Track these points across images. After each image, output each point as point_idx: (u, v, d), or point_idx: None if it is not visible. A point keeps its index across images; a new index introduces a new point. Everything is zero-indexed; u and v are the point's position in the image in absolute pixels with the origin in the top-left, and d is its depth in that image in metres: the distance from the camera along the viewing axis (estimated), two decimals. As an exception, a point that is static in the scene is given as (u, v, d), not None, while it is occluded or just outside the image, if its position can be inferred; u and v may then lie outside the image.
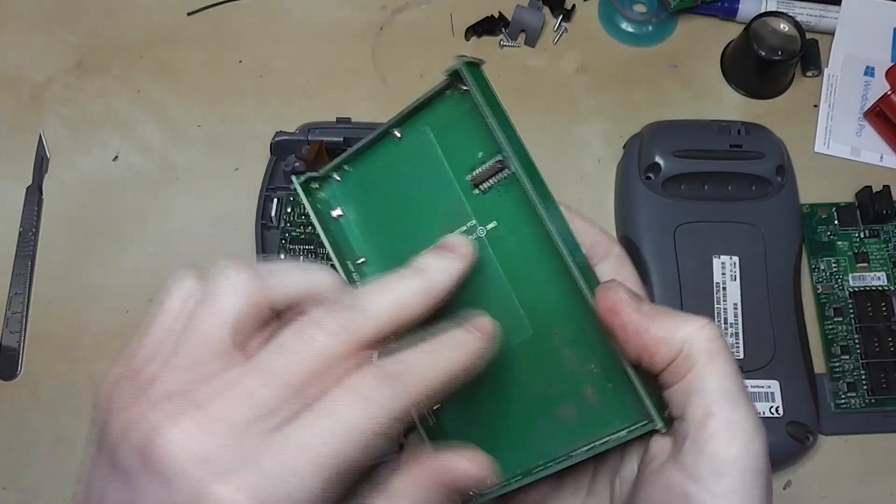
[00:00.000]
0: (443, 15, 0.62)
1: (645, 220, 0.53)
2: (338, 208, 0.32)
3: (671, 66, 0.61)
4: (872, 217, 0.55)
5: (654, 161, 0.54)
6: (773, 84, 0.60)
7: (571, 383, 0.29)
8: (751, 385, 0.49)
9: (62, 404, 0.52)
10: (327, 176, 0.32)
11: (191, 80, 0.60)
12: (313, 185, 0.32)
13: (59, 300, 0.54)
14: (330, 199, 0.32)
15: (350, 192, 0.32)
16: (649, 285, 0.51)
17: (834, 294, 0.54)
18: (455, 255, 0.28)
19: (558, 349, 0.29)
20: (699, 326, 0.27)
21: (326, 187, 0.32)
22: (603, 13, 0.62)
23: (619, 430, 0.28)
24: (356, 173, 0.32)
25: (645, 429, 0.27)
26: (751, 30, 0.57)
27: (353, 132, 0.53)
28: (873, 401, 0.51)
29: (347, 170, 0.32)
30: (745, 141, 0.54)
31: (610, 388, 0.28)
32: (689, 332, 0.26)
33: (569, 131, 0.59)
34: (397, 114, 0.30)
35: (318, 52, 0.61)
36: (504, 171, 0.29)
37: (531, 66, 0.61)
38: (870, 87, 0.60)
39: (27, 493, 0.50)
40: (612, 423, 0.28)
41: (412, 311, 0.26)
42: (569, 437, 0.29)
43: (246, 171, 0.57)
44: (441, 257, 0.27)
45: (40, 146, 0.58)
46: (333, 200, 0.32)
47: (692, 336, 0.26)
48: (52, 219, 0.57)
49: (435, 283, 0.27)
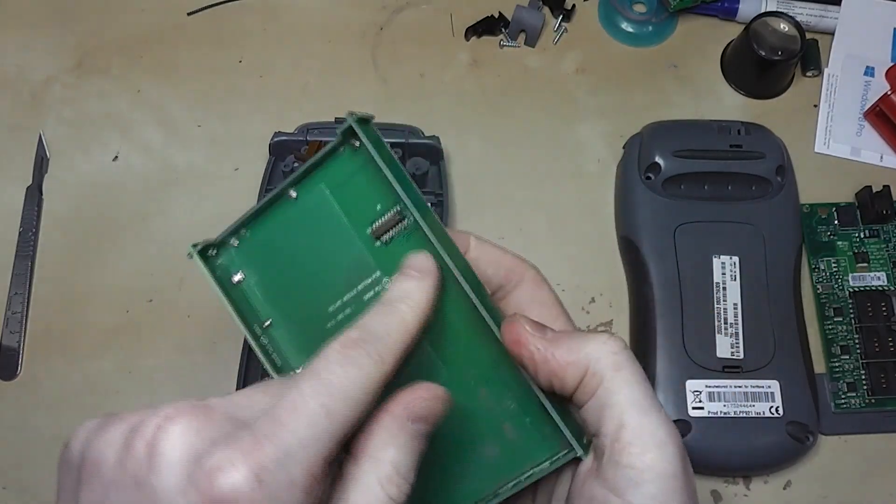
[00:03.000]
0: (443, 15, 0.62)
1: (645, 220, 0.53)
2: (239, 273, 0.32)
3: (671, 66, 0.61)
4: (872, 217, 0.55)
5: (654, 161, 0.54)
6: (773, 84, 0.60)
7: (491, 421, 0.29)
8: (751, 385, 0.49)
9: (62, 404, 0.52)
10: (224, 242, 0.32)
11: (191, 80, 0.60)
12: (210, 252, 0.32)
13: (59, 300, 0.54)
14: (229, 266, 0.32)
15: (249, 255, 0.32)
16: (649, 285, 0.51)
17: (834, 294, 0.54)
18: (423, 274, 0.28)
19: (475, 389, 0.29)
20: (602, 342, 0.27)
21: (224, 253, 0.32)
22: (603, 13, 0.62)
23: (542, 463, 0.28)
24: (254, 236, 0.32)
25: (566, 458, 0.28)
26: (751, 30, 0.57)
27: (353, 132, 0.53)
28: (873, 401, 0.51)
29: (244, 234, 0.32)
30: (745, 141, 0.54)
31: (528, 422, 0.29)
32: (592, 349, 0.27)
33: (569, 131, 0.59)
34: (291, 175, 0.30)
35: (318, 52, 0.61)
36: (404, 221, 0.29)
37: (531, 66, 0.61)
38: (870, 87, 0.60)
39: (27, 493, 0.50)
40: (534, 457, 0.29)
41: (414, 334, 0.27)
42: (495, 475, 0.29)
43: (246, 171, 0.57)
44: (411, 279, 0.28)
45: (40, 146, 0.58)
46: (232, 266, 0.32)
47: (596, 352, 0.27)
48: (52, 219, 0.57)
49: (419, 303, 0.27)
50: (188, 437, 0.22)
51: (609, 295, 0.55)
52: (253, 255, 0.32)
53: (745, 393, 0.49)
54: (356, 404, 0.24)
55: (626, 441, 0.26)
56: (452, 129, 0.58)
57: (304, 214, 0.31)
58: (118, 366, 0.53)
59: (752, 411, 0.49)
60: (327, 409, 0.23)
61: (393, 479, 0.24)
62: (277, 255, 0.32)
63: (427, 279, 0.28)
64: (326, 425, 0.23)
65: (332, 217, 0.30)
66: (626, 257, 0.55)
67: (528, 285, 0.31)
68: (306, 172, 0.30)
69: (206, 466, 0.22)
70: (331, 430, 0.23)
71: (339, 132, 0.29)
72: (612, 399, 0.26)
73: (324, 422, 0.23)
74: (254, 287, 0.32)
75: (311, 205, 0.31)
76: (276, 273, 0.32)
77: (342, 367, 0.24)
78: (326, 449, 0.23)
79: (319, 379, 0.24)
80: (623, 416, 0.26)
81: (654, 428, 0.26)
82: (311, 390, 0.23)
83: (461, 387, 0.29)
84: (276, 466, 0.22)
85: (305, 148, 0.53)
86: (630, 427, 0.26)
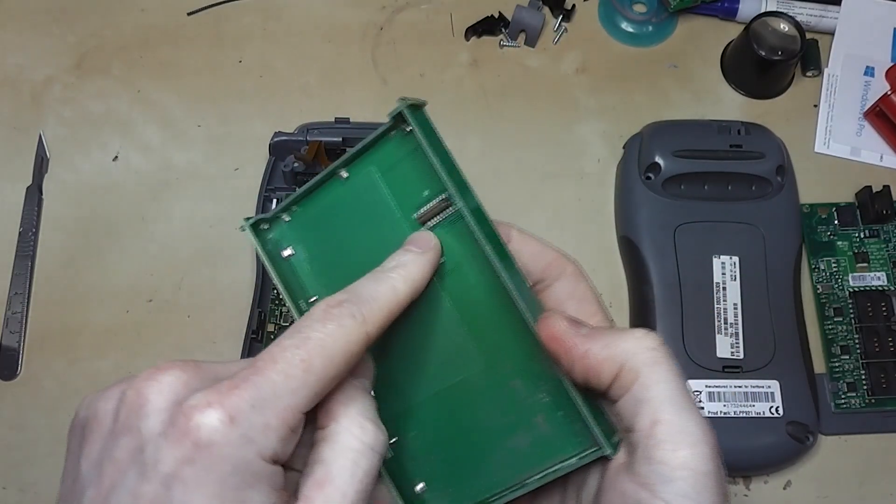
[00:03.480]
0: (443, 15, 0.62)
1: (645, 220, 0.53)
2: (288, 248, 0.33)
3: (671, 66, 0.61)
4: (872, 217, 0.55)
5: (654, 161, 0.54)
6: (773, 84, 0.60)
7: (524, 413, 0.30)
8: (751, 385, 0.49)
9: (62, 404, 0.52)
10: (276, 217, 0.33)
11: (191, 80, 0.60)
12: (263, 226, 0.33)
13: (59, 300, 0.54)
14: (280, 240, 0.33)
15: (300, 231, 0.33)
16: (649, 285, 0.51)
17: (834, 294, 0.54)
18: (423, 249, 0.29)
19: (509, 380, 0.30)
20: (638, 338, 0.27)
21: (276, 228, 0.33)
22: (603, 13, 0.62)
23: (570, 458, 0.28)
24: (305, 213, 0.33)
25: (594, 455, 0.28)
26: (751, 30, 0.57)
27: (352, 132, 0.53)
28: (873, 401, 0.51)
29: (296, 210, 0.33)
30: (745, 141, 0.54)
31: (560, 416, 0.29)
32: (629, 346, 0.27)
33: (569, 131, 0.59)
34: (344, 155, 0.31)
35: (317, 52, 0.61)
36: (449, 208, 0.29)
37: (531, 66, 0.61)
38: (870, 87, 0.60)
39: (27, 492, 0.50)
40: (563, 451, 0.29)
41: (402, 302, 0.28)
42: (524, 465, 0.30)
43: (245, 171, 0.57)
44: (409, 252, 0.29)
45: (40, 146, 0.58)
46: (284, 241, 0.33)
47: (632, 348, 0.27)
48: (52, 219, 0.57)
49: (411, 274, 0.28)
50: (175, 387, 0.24)
51: (609, 295, 0.55)
52: (303, 232, 0.33)
53: (745, 393, 0.49)
54: (334, 362, 0.25)
55: (659, 437, 0.26)
56: (452, 129, 0.58)
57: (354, 195, 0.31)
58: (118, 366, 0.53)
59: (752, 411, 0.49)
60: (306, 364, 0.24)
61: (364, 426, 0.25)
62: (326, 232, 0.32)
63: (425, 255, 0.28)
64: (303, 378, 0.24)
65: (380, 199, 0.31)
66: (626, 257, 0.55)
67: (568, 280, 0.32)
68: (358, 153, 0.31)
69: (185, 407, 0.23)
70: (307, 384, 0.24)
71: (390, 116, 0.29)
72: (647, 395, 0.26)
73: (301, 375, 0.24)
74: (302, 262, 0.33)
75: (360, 186, 0.31)
76: (324, 250, 0.32)
77: (323, 324, 0.25)
78: (302, 401, 0.24)
79: (300, 334, 0.25)
80: (657, 413, 0.26)
81: (689, 425, 0.26)
82: (291, 343, 0.24)
83: (497, 376, 0.30)
84: (249, 409, 0.23)
85: (305, 148, 0.53)
86: (664, 423, 0.26)
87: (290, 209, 0.33)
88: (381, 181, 0.31)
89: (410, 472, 0.31)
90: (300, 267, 0.33)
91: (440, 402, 0.31)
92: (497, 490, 0.30)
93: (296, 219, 0.33)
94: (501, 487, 0.30)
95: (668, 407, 0.26)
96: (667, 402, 0.26)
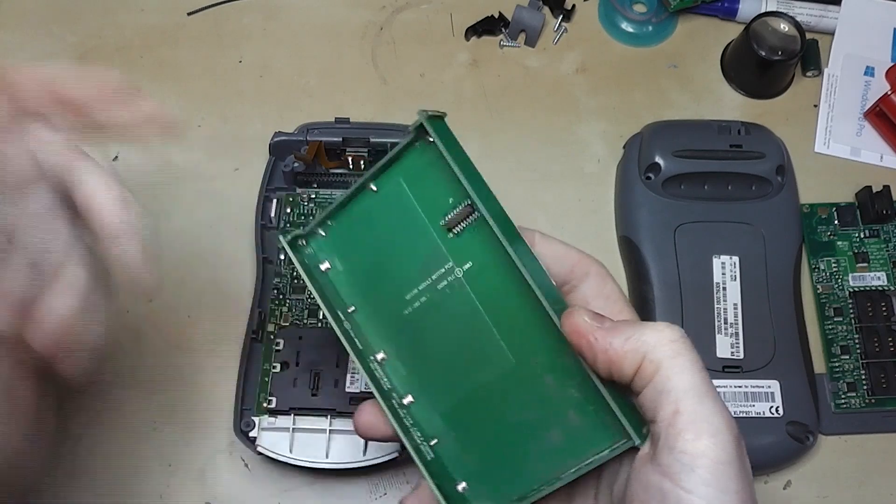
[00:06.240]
0: (443, 15, 0.62)
1: (645, 220, 0.53)
2: (325, 262, 0.34)
3: (671, 66, 0.61)
4: (872, 217, 0.55)
5: (654, 161, 0.54)
6: (773, 84, 0.60)
7: (556, 408, 0.30)
8: (751, 385, 0.49)
9: (62, 404, 0.52)
10: (313, 232, 0.34)
11: (191, 80, 0.60)
12: (300, 242, 0.34)
13: (59, 300, 0.54)
14: (317, 254, 0.34)
15: (335, 245, 0.34)
16: (649, 285, 0.51)
17: (834, 294, 0.54)
18: None
19: (540, 377, 0.30)
20: (659, 330, 0.28)
21: (312, 242, 0.34)
22: (603, 13, 0.62)
23: (603, 450, 0.29)
24: (339, 227, 0.33)
25: (624, 446, 0.28)
26: (751, 30, 0.57)
27: (352, 132, 0.53)
28: (873, 401, 0.51)
29: (331, 224, 0.33)
30: (745, 141, 0.54)
31: (591, 410, 0.29)
32: (650, 338, 0.27)
33: (569, 131, 0.59)
34: (372, 168, 0.32)
35: (317, 52, 0.61)
36: (474, 213, 0.30)
37: (531, 66, 0.61)
38: (870, 87, 0.60)
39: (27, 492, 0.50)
40: (595, 444, 0.29)
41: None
42: (559, 460, 0.30)
43: (245, 171, 0.57)
44: None
45: (40, 146, 0.58)
46: (321, 254, 0.34)
47: (654, 340, 0.27)
48: (52, 219, 0.57)
49: None
50: None
51: (609, 295, 0.55)
52: (338, 245, 0.34)
53: (745, 393, 0.49)
54: None
55: (680, 427, 0.26)
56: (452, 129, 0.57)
57: (384, 206, 0.32)
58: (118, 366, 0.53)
59: (752, 411, 0.49)
60: None
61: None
62: (360, 244, 0.33)
63: None
64: None
65: (409, 209, 0.32)
66: (626, 257, 0.55)
67: (594, 280, 0.32)
68: (385, 166, 0.32)
69: None
70: None
71: (411, 128, 0.30)
72: (669, 385, 0.27)
73: None
74: (339, 275, 0.34)
75: (390, 197, 0.32)
76: (359, 261, 0.33)
77: None
78: None
79: None
80: (679, 403, 0.26)
81: (710, 414, 0.26)
82: None
83: (528, 374, 0.30)
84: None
85: (305, 148, 0.53)
86: (685, 413, 0.26)
87: (326, 224, 0.33)
88: (408, 191, 0.32)
89: (452, 473, 0.32)
90: (336, 278, 0.34)
91: (476, 403, 0.31)
92: (535, 486, 0.30)
93: (331, 233, 0.34)
94: (539, 483, 0.30)
95: (689, 397, 0.26)
96: (688, 392, 0.26)
